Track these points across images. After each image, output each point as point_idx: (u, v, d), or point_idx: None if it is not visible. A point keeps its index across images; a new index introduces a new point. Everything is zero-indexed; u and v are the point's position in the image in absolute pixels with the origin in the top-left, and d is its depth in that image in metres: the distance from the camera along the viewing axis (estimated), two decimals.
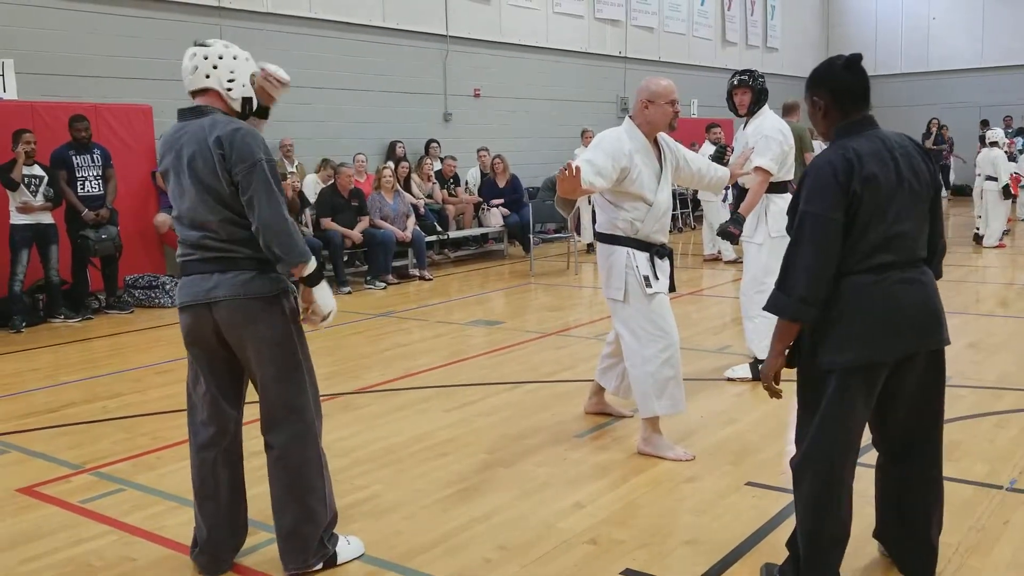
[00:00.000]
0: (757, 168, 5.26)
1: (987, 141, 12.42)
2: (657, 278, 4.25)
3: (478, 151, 12.97)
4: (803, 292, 2.66)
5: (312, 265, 3.01)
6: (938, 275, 2.89)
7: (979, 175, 12.57)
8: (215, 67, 3.03)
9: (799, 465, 2.80)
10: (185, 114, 3.06)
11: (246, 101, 3.11)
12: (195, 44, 3.08)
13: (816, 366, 2.73)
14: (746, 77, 5.54)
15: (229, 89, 3.06)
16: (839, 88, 2.77)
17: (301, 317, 3.13)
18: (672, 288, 4.38)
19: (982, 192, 12.39)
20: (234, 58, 3.07)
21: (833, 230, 2.64)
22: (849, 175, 2.64)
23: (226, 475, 3.16)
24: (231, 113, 3.07)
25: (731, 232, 5.22)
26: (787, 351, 2.81)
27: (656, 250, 4.28)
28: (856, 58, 2.78)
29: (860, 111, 2.78)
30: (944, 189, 18.85)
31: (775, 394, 2.86)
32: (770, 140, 5.34)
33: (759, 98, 5.51)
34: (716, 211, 11.30)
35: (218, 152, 2.90)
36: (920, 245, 2.77)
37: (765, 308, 2.80)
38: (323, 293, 3.09)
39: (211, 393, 3.12)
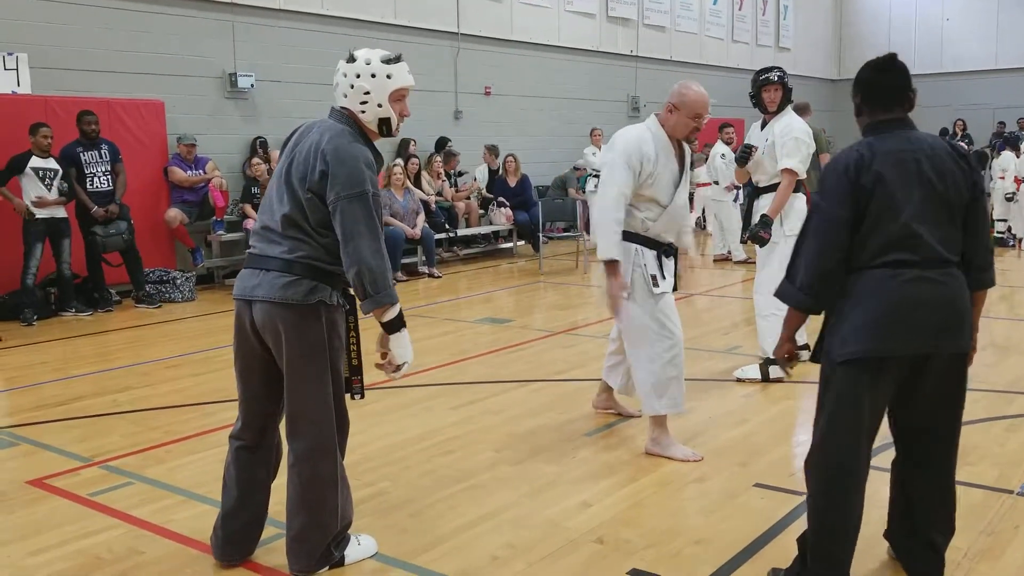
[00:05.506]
0: (786, 170, 5.29)
1: None
2: (664, 277, 4.25)
3: (488, 149, 12.96)
4: (804, 282, 2.78)
5: (396, 310, 2.94)
6: (983, 284, 2.82)
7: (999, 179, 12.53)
8: (352, 86, 3.00)
9: (809, 455, 2.84)
10: (331, 112, 3.08)
11: (383, 122, 3.05)
12: (348, 56, 3.03)
13: (828, 360, 2.79)
14: (780, 74, 5.50)
15: (363, 111, 3.02)
16: (867, 88, 2.83)
17: (376, 363, 3.07)
18: (675, 287, 4.37)
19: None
20: (372, 76, 2.99)
21: (836, 225, 2.72)
22: (859, 171, 2.70)
23: (235, 470, 3.17)
24: (365, 129, 3.05)
25: (762, 236, 5.26)
26: (813, 348, 2.90)
27: (663, 249, 4.28)
28: (886, 59, 2.83)
29: (888, 112, 2.80)
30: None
31: (788, 364, 3.04)
32: (799, 142, 5.37)
33: (787, 96, 5.50)
34: (727, 211, 11.27)
35: (321, 167, 2.88)
36: (948, 248, 2.72)
37: (775, 294, 2.91)
38: (402, 341, 2.99)
39: (242, 390, 3.16)
